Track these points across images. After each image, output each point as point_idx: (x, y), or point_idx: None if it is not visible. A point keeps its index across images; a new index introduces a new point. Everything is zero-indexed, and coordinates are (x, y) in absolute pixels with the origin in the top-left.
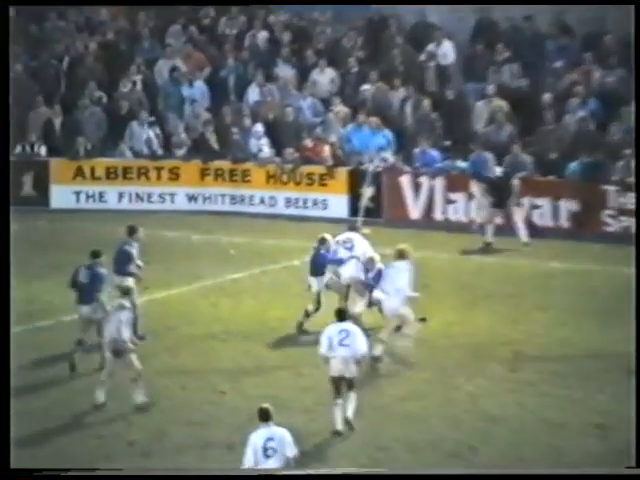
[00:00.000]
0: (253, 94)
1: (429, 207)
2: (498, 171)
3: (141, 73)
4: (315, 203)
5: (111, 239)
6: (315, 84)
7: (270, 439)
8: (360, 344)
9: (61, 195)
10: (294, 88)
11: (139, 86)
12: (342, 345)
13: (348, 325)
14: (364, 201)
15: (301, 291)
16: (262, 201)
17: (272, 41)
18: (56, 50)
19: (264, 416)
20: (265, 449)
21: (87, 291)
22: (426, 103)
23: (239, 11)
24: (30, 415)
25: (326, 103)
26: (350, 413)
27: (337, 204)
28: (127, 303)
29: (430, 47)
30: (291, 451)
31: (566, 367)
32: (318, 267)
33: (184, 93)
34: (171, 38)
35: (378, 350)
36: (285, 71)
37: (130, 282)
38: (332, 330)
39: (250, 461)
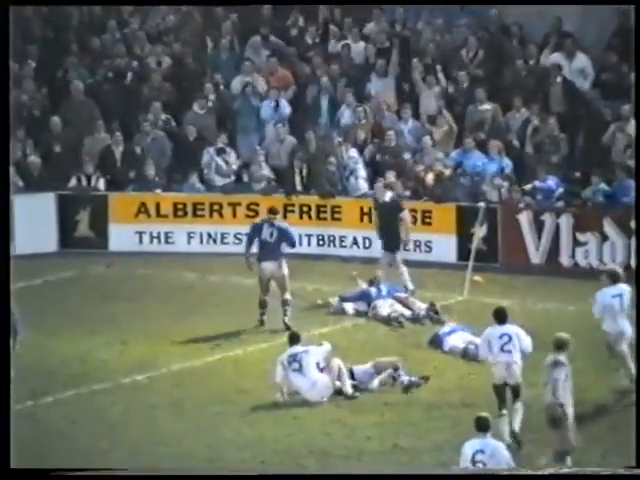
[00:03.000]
0: (344, 116)
1: (554, 250)
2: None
3: (217, 92)
4: (417, 245)
5: (178, 286)
6: (421, 104)
7: (480, 451)
8: (525, 346)
9: (121, 236)
10: (393, 108)
11: (211, 105)
12: (504, 351)
13: (509, 328)
14: (476, 242)
15: (402, 348)
16: (355, 242)
17: (368, 54)
18: (117, 65)
19: (481, 426)
20: (474, 461)
21: (272, 248)
22: (552, 122)
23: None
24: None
25: (428, 124)
26: (517, 426)
27: (443, 246)
28: (563, 358)
29: (557, 59)
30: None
31: None
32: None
33: (263, 114)
34: (250, 51)
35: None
36: (384, 88)
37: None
38: (492, 334)
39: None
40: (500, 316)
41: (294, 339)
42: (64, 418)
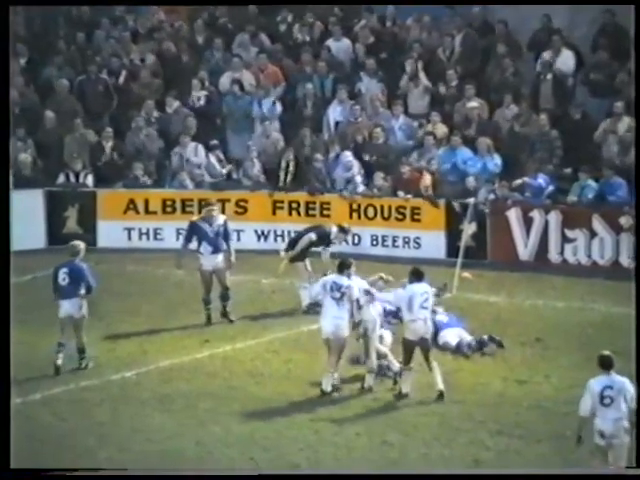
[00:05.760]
0: (334, 113)
1: (542, 247)
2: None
3: (205, 89)
4: (406, 241)
5: (167, 283)
6: (408, 97)
7: (608, 387)
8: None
9: (110, 232)
10: (382, 105)
11: (202, 103)
12: (423, 308)
13: (426, 286)
14: (465, 239)
15: (392, 344)
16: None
17: (356, 51)
18: (106, 63)
19: (606, 364)
20: (602, 397)
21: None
22: (543, 118)
23: (316, 17)
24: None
25: (420, 120)
26: (441, 383)
27: (432, 242)
28: None
29: (546, 56)
30: (633, 401)
31: None
32: None
33: (253, 112)
34: (240, 48)
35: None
36: (371, 86)
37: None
38: (414, 292)
39: (587, 407)
40: (419, 274)
41: (343, 266)
42: (53, 415)
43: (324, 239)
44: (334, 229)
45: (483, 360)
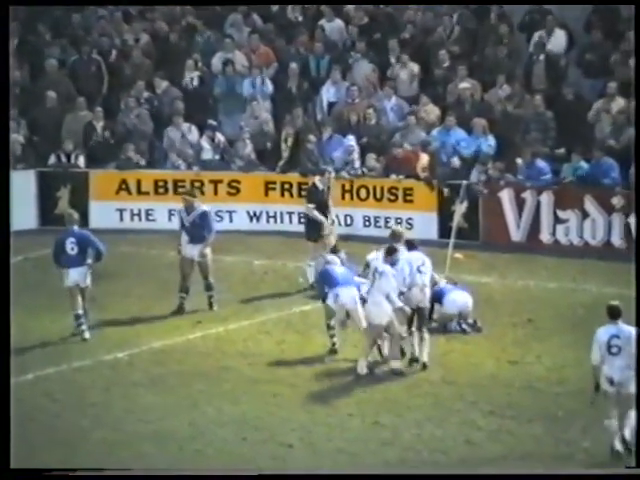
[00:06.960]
0: (328, 94)
1: (535, 227)
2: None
3: (198, 70)
4: (399, 222)
5: (159, 264)
6: (397, 81)
7: (615, 336)
8: (430, 271)
9: (102, 213)
10: (375, 86)
11: (195, 83)
12: (420, 272)
13: (422, 255)
14: (457, 220)
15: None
16: (337, 219)
17: (349, 32)
18: (98, 43)
19: (614, 313)
20: (609, 346)
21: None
22: (538, 99)
23: None
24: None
25: (409, 103)
26: (426, 356)
27: (424, 223)
28: None
29: (539, 36)
30: None
31: None
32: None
33: (245, 92)
34: (232, 28)
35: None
36: (364, 66)
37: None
38: (410, 258)
39: (596, 355)
40: (413, 244)
41: (387, 253)
42: (45, 396)
43: (316, 195)
44: (315, 180)
45: (475, 341)
